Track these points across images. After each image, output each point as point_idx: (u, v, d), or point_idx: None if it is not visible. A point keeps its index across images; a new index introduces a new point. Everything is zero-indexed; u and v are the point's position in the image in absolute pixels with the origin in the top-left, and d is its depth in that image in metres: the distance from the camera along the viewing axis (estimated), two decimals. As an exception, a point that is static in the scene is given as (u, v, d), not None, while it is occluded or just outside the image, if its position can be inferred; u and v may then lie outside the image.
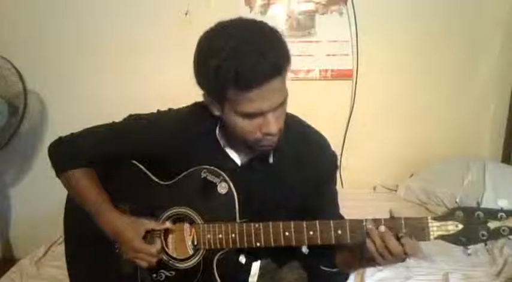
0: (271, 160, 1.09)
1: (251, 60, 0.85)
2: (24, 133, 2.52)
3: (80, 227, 1.25)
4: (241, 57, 0.85)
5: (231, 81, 0.87)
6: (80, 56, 2.48)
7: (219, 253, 1.07)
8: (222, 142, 1.10)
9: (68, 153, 1.19)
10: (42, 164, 2.52)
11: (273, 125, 0.94)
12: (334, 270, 1.14)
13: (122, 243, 1.12)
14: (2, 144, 2.36)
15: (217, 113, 1.00)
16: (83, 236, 1.25)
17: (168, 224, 1.13)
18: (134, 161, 1.18)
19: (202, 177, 1.07)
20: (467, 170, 2.15)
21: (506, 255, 1.68)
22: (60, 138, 1.22)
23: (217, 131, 1.09)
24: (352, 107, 2.46)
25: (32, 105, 2.50)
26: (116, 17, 2.42)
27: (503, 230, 0.88)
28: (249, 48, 0.86)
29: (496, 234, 0.89)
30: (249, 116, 0.93)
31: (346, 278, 1.23)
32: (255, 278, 1.20)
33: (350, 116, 2.47)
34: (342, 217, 1.14)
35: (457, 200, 0.94)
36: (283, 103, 0.96)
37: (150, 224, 1.11)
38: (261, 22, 0.95)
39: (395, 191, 2.42)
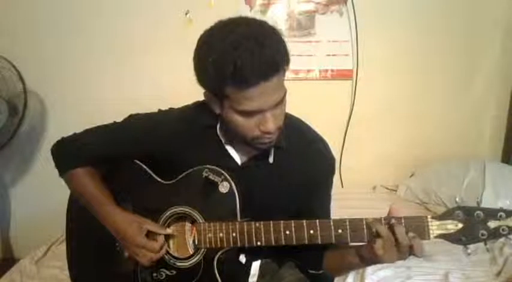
0: (271, 160, 1.09)
1: (249, 56, 0.86)
2: (24, 133, 2.53)
3: (82, 226, 1.26)
4: (239, 52, 0.86)
5: (229, 76, 0.87)
6: (80, 55, 2.49)
7: (220, 252, 1.07)
8: (222, 139, 1.10)
9: (70, 153, 1.20)
10: (42, 164, 2.57)
11: (271, 123, 0.95)
12: (320, 272, 1.14)
13: (124, 240, 1.12)
14: (2, 144, 2.36)
15: (217, 110, 1.01)
16: (84, 235, 1.25)
17: (169, 230, 1.13)
18: (136, 160, 1.18)
19: (203, 176, 1.07)
20: (467, 170, 2.16)
21: (506, 254, 1.68)
22: (62, 138, 1.23)
23: (218, 129, 1.09)
24: (352, 107, 2.46)
25: (32, 105, 2.51)
26: (116, 16, 2.42)
27: (503, 230, 0.88)
28: (248, 43, 0.87)
29: (495, 234, 0.88)
30: (248, 114, 0.94)
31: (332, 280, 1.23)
32: (255, 278, 1.20)
33: (350, 116, 2.47)
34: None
35: (457, 199, 0.94)
36: (281, 101, 0.96)
37: (152, 225, 1.11)
38: (260, 20, 0.95)
39: (395, 191, 2.42)
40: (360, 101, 2.44)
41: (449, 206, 2.05)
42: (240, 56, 0.86)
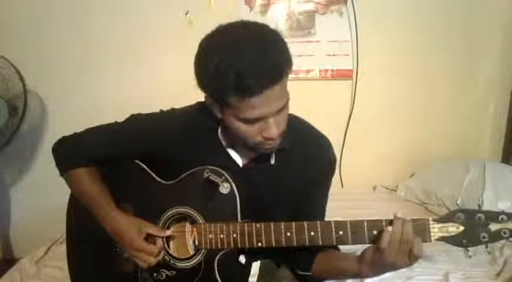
0: (272, 161, 1.09)
1: (252, 63, 0.84)
2: (24, 133, 2.52)
3: (81, 226, 1.26)
4: (242, 59, 0.85)
5: (232, 85, 0.85)
6: (80, 55, 2.48)
7: (220, 253, 1.07)
8: (224, 142, 1.10)
9: (71, 153, 1.20)
10: (42, 164, 2.57)
11: (274, 129, 0.94)
12: (309, 273, 1.15)
13: (123, 242, 1.12)
14: (2, 144, 2.36)
15: (218, 115, 1.00)
16: (84, 236, 1.25)
17: (169, 232, 1.13)
18: (137, 161, 1.18)
19: (204, 177, 1.07)
20: (467, 170, 2.16)
21: (506, 255, 1.68)
22: (64, 137, 1.23)
23: (219, 131, 1.09)
24: (352, 107, 2.46)
25: (32, 105, 2.50)
26: (116, 17, 2.42)
27: (504, 232, 0.88)
28: (250, 50, 0.85)
29: (497, 237, 0.89)
30: (250, 121, 0.93)
31: None
32: (255, 278, 1.20)
33: (350, 116, 2.47)
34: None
35: (458, 202, 0.95)
36: (284, 107, 0.95)
37: (152, 228, 1.12)
38: (262, 24, 0.94)
39: (395, 191, 2.42)
40: (360, 101, 2.44)
41: (449, 206, 2.05)
42: (242, 64, 0.84)
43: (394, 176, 2.51)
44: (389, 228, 0.92)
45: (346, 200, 2.16)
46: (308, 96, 2.27)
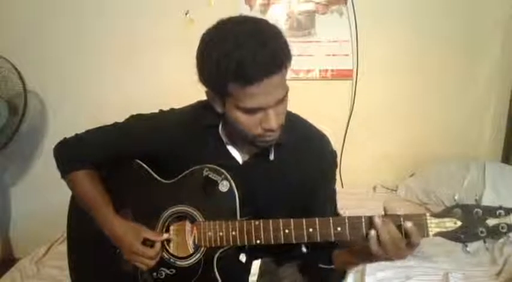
0: (271, 157, 1.09)
1: (252, 53, 0.86)
2: (24, 133, 2.52)
3: (82, 226, 1.26)
4: (242, 49, 0.86)
5: (232, 74, 0.87)
6: (80, 56, 2.49)
7: (220, 251, 1.07)
8: (224, 139, 1.10)
9: (72, 155, 1.21)
10: (42, 164, 2.57)
11: (274, 120, 0.95)
12: (331, 266, 1.15)
13: (123, 247, 1.13)
14: (2, 144, 2.36)
15: (219, 109, 1.01)
16: (85, 237, 1.25)
17: (166, 236, 1.14)
18: (138, 160, 1.19)
19: (204, 175, 1.07)
20: (467, 170, 2.16)
21: (507, 255, 1.68)
22: (64, 139, 1.24)
23: (219, 129, 1.10)
24: (352, 107, 2.46)
25: (32, 105, 2.51)
26: (116, 16, 2.42)
27: (502, 227, 0.88)
28: (250, 41, 0.87)
29: (494, 232, 0.88)
30: (250, 111, 0.94)
31: (343, 276, 1.23)
32: (255, 278, 1.20)
33: (350, 116, 2.47)
34: (338, 215, 1.15)
35: (456, 197, 0.94)
36: (283, 99, 0.96)
37: (149, 233, 1.12)
38: (261, 18, 0.96)
39: (395, 191, 2.42)
40: (360, 101, 2.44)
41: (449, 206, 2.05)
42: (243, 53, 0.86)
43: (394, 176, 2.51)
44: (372, 232, 0.93)
45: (346, 200, 2.15)
46: (308, 96, 2.28)
